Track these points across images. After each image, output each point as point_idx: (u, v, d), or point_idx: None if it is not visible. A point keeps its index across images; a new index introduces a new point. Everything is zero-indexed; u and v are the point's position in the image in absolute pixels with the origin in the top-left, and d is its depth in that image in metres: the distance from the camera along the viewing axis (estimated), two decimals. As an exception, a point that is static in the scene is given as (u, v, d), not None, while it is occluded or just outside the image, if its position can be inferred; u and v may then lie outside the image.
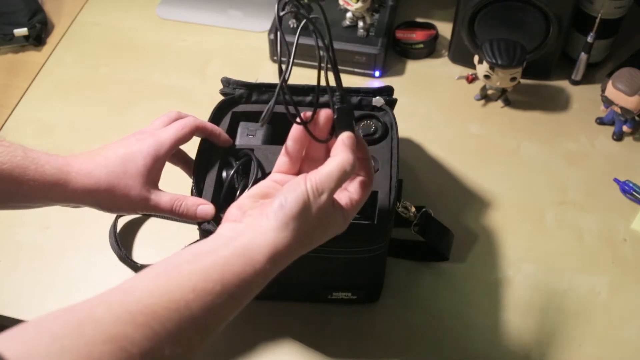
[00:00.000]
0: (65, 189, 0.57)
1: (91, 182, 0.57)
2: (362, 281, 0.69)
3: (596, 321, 0.71)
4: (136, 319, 0.39)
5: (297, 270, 0.67)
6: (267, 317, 0.71)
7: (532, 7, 0.87)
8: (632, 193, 0.81)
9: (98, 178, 0.57)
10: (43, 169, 0.56)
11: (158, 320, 0.40)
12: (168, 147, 0.61)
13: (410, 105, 0.91)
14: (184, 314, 0.41)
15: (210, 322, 0.44)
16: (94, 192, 0.57)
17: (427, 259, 0.75)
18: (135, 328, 0.39)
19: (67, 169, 0.57)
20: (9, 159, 0.55)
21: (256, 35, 1.03)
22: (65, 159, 0.58)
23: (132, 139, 0.61)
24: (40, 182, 0.55)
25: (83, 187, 0.57)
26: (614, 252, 0.76)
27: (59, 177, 0.56)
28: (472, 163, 0.85)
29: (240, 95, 0.72)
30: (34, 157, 0.56)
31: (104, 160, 0.58)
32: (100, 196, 0.58)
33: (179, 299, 0.41)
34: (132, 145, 0.60)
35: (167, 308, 0.41)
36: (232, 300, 0.46)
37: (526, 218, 0.80)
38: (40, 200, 0.57)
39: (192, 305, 0.42)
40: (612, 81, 0.84)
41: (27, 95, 0.96)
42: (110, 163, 0.58)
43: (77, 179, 0.57)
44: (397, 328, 0.70)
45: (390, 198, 0.64)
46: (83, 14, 1.08)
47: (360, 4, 0.91)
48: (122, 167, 0.58)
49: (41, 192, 0.56)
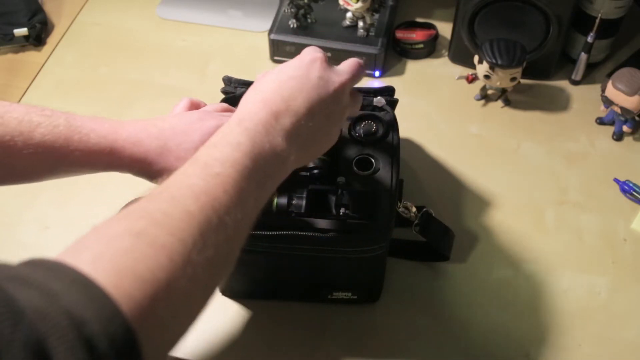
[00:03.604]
0: (112, 157, 0.55)
1: (140, 151, 0.55)
2: (362, 281, 0.69)
3: (596, 321, 0.71)
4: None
5: (297, 269, 0.68)
6: (267, 317, 0.71)
7: (532, 7, 0.87)
8: (632, 193, 0.81)
9: (148, 148, 0.56)
10: (88, 137, 0.54)
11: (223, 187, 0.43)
12: None
13: (410, 105, 0.91)
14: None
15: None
16: (142, 162, 0.56)
17: (427, 259, 0.75)
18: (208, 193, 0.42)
19: (113, 137, 0.55)
20: (50, 129, 0.53)
21: (256, 35, 1.03)
22: (112, 125, 0.56)
23: (196, 117, 0.59)
24: (84, 152, 0.54)
25: (131, 156, 0.55)
26: (614, 252, 0.76)
27: (104, 145, 0.55)
28: (472, 163, 0.85)
29: (241, 93, 0.71)
30: (78, 125, 0.55)
31: (158, 131, 0.56)
32: (148, 167, 0.56)
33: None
34: (194, 124, 0.58)
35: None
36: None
37: (526, 218, 0.80)
38: (87, 168, 0.56)
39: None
40: (612, 81, 0.84)
41: (27, 95, 0.96)
42: (164, 135, 0.56)
43: (125, 147, 0.55)
44: (397, 328, 0.70)
45: (391, 198, 0.64)
46: (83, 14, 1.08)
47: (360, 4, 0.91)
48: (176, 141, 0.56)
49: (86, 161, 0.55)
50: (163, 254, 0.37)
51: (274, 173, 0.49)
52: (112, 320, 0.33)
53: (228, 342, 0.69)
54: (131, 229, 0.38)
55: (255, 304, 0.72)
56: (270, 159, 0.48)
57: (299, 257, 0.65)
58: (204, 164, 0.45)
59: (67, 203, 0.82)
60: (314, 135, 0.52)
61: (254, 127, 0.48)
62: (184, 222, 0.40)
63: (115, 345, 0.32)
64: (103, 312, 0.33)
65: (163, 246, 0.38)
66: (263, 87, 0.52)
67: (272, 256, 0.65)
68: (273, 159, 0.48)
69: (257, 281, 0.71)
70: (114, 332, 0.32)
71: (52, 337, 0.30)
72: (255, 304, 0.72)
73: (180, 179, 0.44)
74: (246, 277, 0.70)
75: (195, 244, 0.39)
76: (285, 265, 0.67)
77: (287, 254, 0.64)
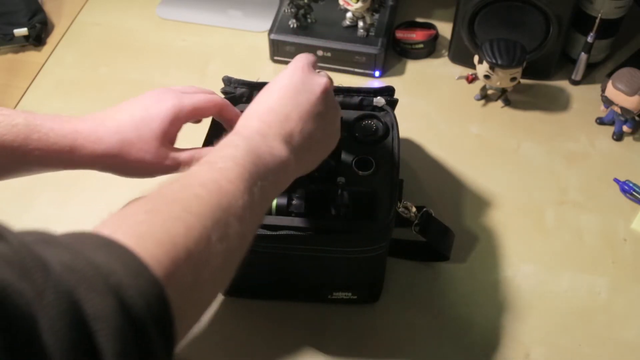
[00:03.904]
0: (72, 155, 0.55)
1: (101, 148, 0.55)
2: (362, 281, 0.69)
3: (596, 321, 0.71)
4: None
5: (297, 269, 0.68)
6: (267, 317, 0.71)
7: (532, 7, 0.87)
8: (632, 193, 0.81)
9: (108, 144, 0.55)
10: (47, 136, 0.54)
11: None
12: (187, 113, 0.58)
13: (410, 105, 0.91)
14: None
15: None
16: (104, 157, 0.55)
17: (427, 259, 0.75)
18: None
19: (73, 136, 0.55)
20: (9, 129, 0.53)
21: (256, 35, 1.03)
22: (72, 123, 0.55)
23: (154, 99, 0.58)
24: (44, 151, 0.54)
25: (92, 153, 0.55)
26: (614, 252, 0.76)
27: (64, 144, 0.54)
28: (472, 163, 0.85)
29: (241, 94, 0.72)
30: (38, 124, 0.54)
31: (116, 125, 0.56)
32: (112, 161, 0.56)
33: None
34: (151, 108, 0.57)
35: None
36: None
37: (526, 218, 0.80)
38: (48, 167, 0.55)
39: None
40: (612, 81, 0.84)
41: (27, 95, 0.96)
42: (123, 128, 0.56)
43: (85, 146, 0.55)
44: (397, 328, 0.70)
45: (391, 198, 0.64)
46: (83, 14, 1.08)
47: (360, 4, 0.91)
48: (136, 132, 0.56)
49: (46, 159, 0.54)
50: (179, 224, 0.39)
51: (277, 175, 0.50)
52: (140, 272, 0.34)
53: (228, 342, 0.69)
54: (145, 207, 0.40)
55: (255, 303, 0.72)
56: (271, 160, 0.50)
57: (299, 257, 0.65)
58: (207, 163, 0.47)
59: (67, 203, 0.82)
60: (311, 136, 0.54)
61: (249, 134, 0.51)
62: (195, 203, 0.42)
63: (144, 296, 0.33)
64: (129, 265, 0.34)
65: (178, 218, 0.40)
66: (254, 104, 0.55)
67: (272, 256, 0.65)
68: (273, 161, 0.50)
69: (257, 281, 0.71)
70: (142, 285, 0.33)
71: (81, 287, 0.31)
72: (255, 303, 0.72)
73: (186, 175, 0.45)
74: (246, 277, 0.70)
75: (208, 221, 0.41)
76: (285, 265, 0.67)
77: (287, 254, 0.64)
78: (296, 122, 0.53)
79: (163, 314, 0.34)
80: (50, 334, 0.29)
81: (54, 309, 0.29)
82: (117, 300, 0.32)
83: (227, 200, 0.43)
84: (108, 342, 0.30)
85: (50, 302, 0.29)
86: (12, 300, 0.28)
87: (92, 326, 0.30)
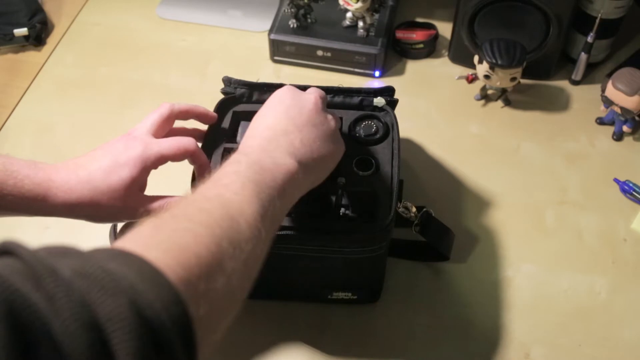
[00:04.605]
0: (45, 204, 0.56)
1: (72, 198, 0.56)
2: (362, 281, 0.69)
3: (596, 321, 0.71)
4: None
5: (297, 269, 0.68)
6: (267, 317, 0.71)
7: (532, 7, 0.87)
8: (632, 193, 0.81)
9: (80, 194, 0.56)
10: (22, 183, 0.55)
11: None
12: (155, 160, 0.59)
13: (410, 105, 0.91)
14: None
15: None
16: (76, 207, 0.56)
17: (427, 259, 0.75)
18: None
19: (47, 185, 0.55)
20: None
21: (256, 35, 1.03)
22: (47, 172, 0.56)
23: (121, 146, 0.59)
24: (17, 197, 0.54)
25: (63, 203, 0.56)
26: (614, 252, 0.76)
27: (37, 192, 0.55)
28: (472, 163, 0.85)
29: (241, 94, 0.72)
30: (14, 170, 0.55)
31: (87, 175, 0.57)
32: (84, 211, 0.57)
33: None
34: (120, 156, 0.58)
35: None
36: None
37: (526, 218, 0.80)
38: (19, 212, 0.56)
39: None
40: (612, 81, 0.84)
41: (27, 95, 0.96)
42: (93, 178, 0.56)
43: (58, 195, 0.56)
44: (397, 328, 0.70)
45: (391, 198, 0.64)
46: (83, 14, 1.08)
47: (360, 4, 0.91)
48: (106, 182, 0.56)
49: (19, 205, 0.55)
50: (187, 233, 0.40)
51: (285, 183, 0.51)
52: (153, 277, 0.34)
53: (227, 341, 0.69)
54: (152, 224, 0.41)
55: (254, 303, 0.72)
56: (275, 169, 0.51)
57: (298, 257, 0.65)
58: (211, 181, 0.48)
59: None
60: (312, 145, 0.56)
61: (250, 151, 0.53)
62: (201, 215, 0.43)
63: (160, 298, 0.33)
64: (142, 271, 0.34)
65: (185, 229, 0.40)
66: (250, 129, 0.58)
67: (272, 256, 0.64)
68: (278, 170, 0.51)
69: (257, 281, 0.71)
70: (157, 289, 0.34)
71: (93, 291, 0.31)
72: (254, 303, 0.72)
73: (191, 194, 0.47)
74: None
75: (216, 230, 0.41)
76: (285, 265, 0.67)
77: (287, 253, 0.64)
78: (295, 134, 0.55)
79: (180, 316, 0.34)
80: (65, 335, 0.29)
81: (67, 311, 0.29)
82: (131, 302, 0.32)
83: (235, 209, 0.44)
84: (124, 342, 0.30)
85: (62, 306, 0.30)
86: (26, 308, 0.28)
87: (107, 327, 0.30)
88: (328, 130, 0.59)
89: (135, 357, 0.30)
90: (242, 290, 0.45)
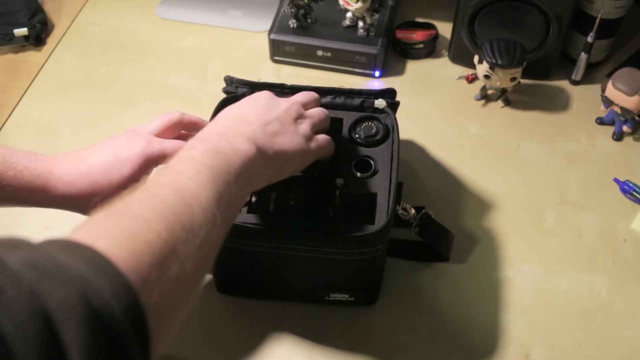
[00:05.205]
0: (44, 196, 0.56)
1: (72, 191, 0.56)
2: (359, 283, 0.69)
3: (596, 321, 0.71)
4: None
5: (294, 270, 0.68)
6: (263, 317, 0.71)
7: (532, 7, 0.87)
8: (632, 193, 0.81)
9: (79, 187, 0.56)
10: (22, 174, 0.55)
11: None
12: (157, 158, 0.59)
13: (410, 105, 0.91)
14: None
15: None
16: (75, 200, 0.56)
17: (427, 259, 0.75)
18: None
19: (46, 177, 0.56)
20: None
21: (256, 35, 1.03)
22: (47, 164, 0.56)
23: (123, 142, 0.59)
24: (17, 188, 0.55)
25: (63, 195, 0.56)
26: (614, 252, 0.76)
27: (37, 184, 0.55)
28: (472, 163, 0.85)
29: (242, 93, 0.72)
30: (13, 161, 0.55)
31: (88, 168, 0.57)
32: (82, 204, 0.57)
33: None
34: (121, 151, 0.58)
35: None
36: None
37: (526, 218, 0.80)
38: (18, 203, 0.56)
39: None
40: (612, 81, 0.84)
41: (27, 95, 0.96)
42: (94, 172, 0.57)
43: (57, 187, 0.56)
44: (396, 328, 0.70)
45: (389, 201, 0.63)
46: (83, 14, 1.08)
47: (360, 4, 0.91)
48: (107, 177, 0.57)
49: (18, 196, 0.55)
50: (137, 220, 0.39)
51: (243, 168, 0.50)
52: (103, 267, 0.34)
53: (226, 341, 0.69)
54: (103, 212, 0.40)
55: (251, 303, 0.72)
56: (232, 154, 0.50)
57: (295, 257, 0.65)
58: (165, 168, 0.47)
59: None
60: (274, 139, 0.55)
61: (207, 137, 0.52)
62: (154, 202, 0.42)
63: (110, 287, 0.33)
64: (92, 261, 0.34)
65: (136, 216, 0.40)
66: (215, 118, 0.57)
67: (270, 256, 0.65)
68: (235, 155, 0.50)
69: (254, 280, 0.71)
70: (107, 277, 0.33)
71: (42, 281, 0.31)
72: (251, 303, 0.72)
73: (146, 182, 0.46)
74: (244, 276, 0.71)
75: (169, 215, 0.41)
76: (283, 266, 0.67)
77: (284, 254, 0.64)
78: (258, 124, 0.55)
79: (131, 305, 0.34)
80: (13, 326, 0.28)
81: (14, 303, 0.29)
82: (81, 292, 0.31)
83: (189, 195, 0.44)
84: (74, 332, 0.30)
85: (10, 297, 0.29)
86: None
87: (56, 317, 0.30)
88: (296, 130, 0.58)
89: (85, 345, 0.30)
90: (197, 276, 0.44)
